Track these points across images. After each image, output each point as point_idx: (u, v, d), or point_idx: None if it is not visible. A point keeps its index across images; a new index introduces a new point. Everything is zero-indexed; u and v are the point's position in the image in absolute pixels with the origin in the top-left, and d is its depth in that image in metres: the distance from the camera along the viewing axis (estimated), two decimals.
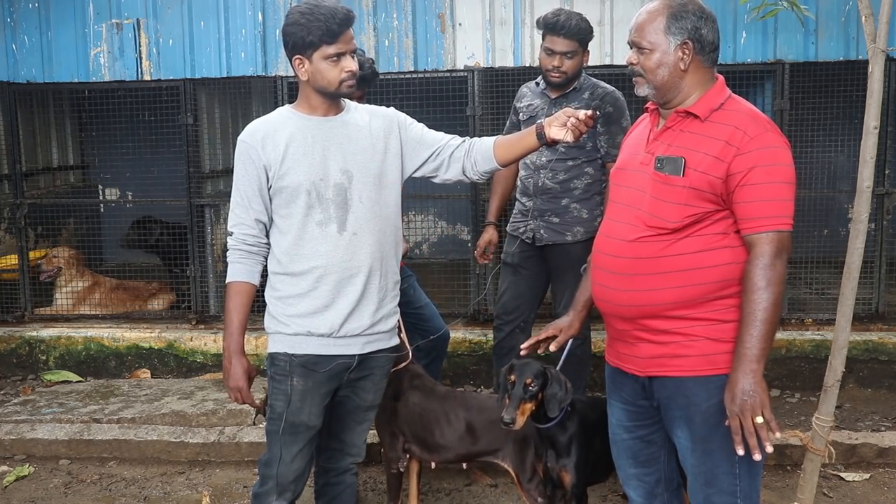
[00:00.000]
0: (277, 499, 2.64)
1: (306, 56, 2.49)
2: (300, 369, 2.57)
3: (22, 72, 5.42)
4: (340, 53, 2.48)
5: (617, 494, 3.77)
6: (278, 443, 2.62)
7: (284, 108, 2.65)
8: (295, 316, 2.57)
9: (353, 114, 2.64)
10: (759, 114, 2.24)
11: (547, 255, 3.93)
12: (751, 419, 2.11)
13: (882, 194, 4.95)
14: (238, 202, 2.57)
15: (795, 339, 4.94)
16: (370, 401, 2.77)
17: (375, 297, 2.62)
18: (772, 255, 2.13)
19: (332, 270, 2.54)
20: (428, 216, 7.80)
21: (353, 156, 2.57)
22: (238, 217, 2.57)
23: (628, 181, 2.37)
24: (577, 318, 2.59)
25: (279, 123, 2.56)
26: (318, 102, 2.57)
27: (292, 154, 2.52)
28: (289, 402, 2.59)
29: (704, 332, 2.23)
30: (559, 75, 3.74)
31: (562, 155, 3.79)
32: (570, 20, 3.66)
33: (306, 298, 2.56)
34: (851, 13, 4.82)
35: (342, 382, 2.67)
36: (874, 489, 3.85)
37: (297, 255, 2.55)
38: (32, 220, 5.91)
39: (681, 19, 2.23)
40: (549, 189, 3.85)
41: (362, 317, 2.59)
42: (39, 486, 4.04)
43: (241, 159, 2.55)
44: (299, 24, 2.45)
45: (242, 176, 2.55)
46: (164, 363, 5.32)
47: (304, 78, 2.53)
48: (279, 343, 2.60)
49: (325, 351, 2.57)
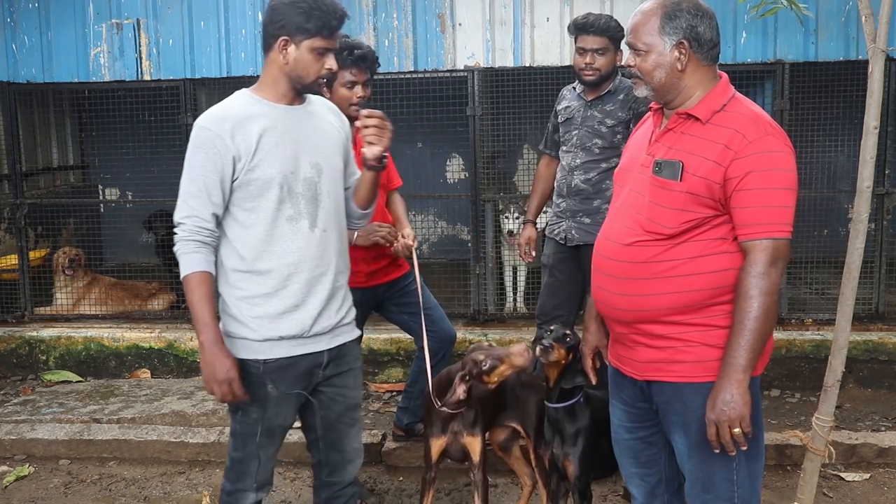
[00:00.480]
0: (256, 493, 2.58)
1: (294, 41, 2.38)
2: (274, 374, 2.47)
3: (22, 72, 5.43)
4: (328, 49, 2.41)
5: (617, 494, 3.77)
6: (253, 445, 2.52)
7: (243, 92, 2.50)
8: (262, 317, 2.44)
9: (315, 105, 2.56)
10: (761, 116, 2.18)
11: (581, 255, 3.95)
12: (727, 429, 2.10)
13: (882, 194, 4.95)
14: (193, 193, 2.37)
15: (795, 339, 4.93)
16: (354, 397, 2.69)
17: (340, 294, 2.57)
18: (766, 263, 2.09)
19: (303, 268, 2.45)
20: (428, 216, 7.80)
21: (320, 149, 2.49)
22: (192, 208, 2.38)
23: (629, 183, 2.34)
24: (598, 326, 2.56)
25: (248, 111, 2.41)
26: (285, 90, 2.46)
27: (265, 145, 2.39)
28: (265, 408, 2.49)
29: (701, 338, 2.20)
30: (592, 73, 3.75)
31: (595, 156, 3.82)
32: (600, 19, 3.72)
33: (275, 298, 2.44)
34: (851, 13, 4.82)
35: (318, 380, 2.57)
36: (874, 489, 3.85)
37: (265, 251, 2.42)
38: (32, 220, 5.91)
39: (675, 18, 2.18)
40: (581, 190, 3.87)
41: (330, 314, 2.53)
42: (39, 486, 4.04)
43: (202, 147, 2.36)
44: (299, 7, 2.35)
45: (202, 165, 2.36)
46: (164, 363, 5.32)
47: (282, 61, 2.41)
48: (248, 350, 2.46)
49: (296, 352, 2.48)
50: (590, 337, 2.57)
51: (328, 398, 2.62)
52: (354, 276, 3.54)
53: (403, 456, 4.16)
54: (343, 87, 3.37)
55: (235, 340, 2.47)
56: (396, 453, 4.17)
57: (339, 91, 3.39)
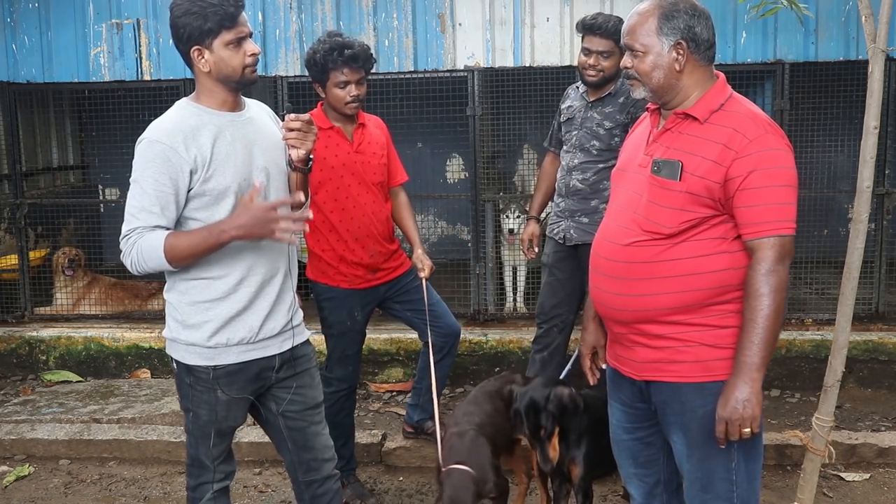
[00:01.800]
0: (221, 482, 2.61)
1: (206, 46, 2.34)
2: (223, 380, 2.48)
3: (22, 72, 5.42)
4: (241, 37, 2.36)
5: (617, 494, 3.77)
6: (206, 444, 2.56)
7: (184, 102, 2.45)
8: (211, 322, 2.44)
9: (255, 109, 2.55)
10: (759, 115, 2.19)
11: (580, 255, 3.95)
12: (738, 428, 2.10)
13: (882, 194, 4.95)
14: (144, 207, 2.32)
15: (795, 339, 4.93)
16: (314, 397, 2.69)
17: (288, 296, 2.57)
18: (774, 261, 2.09)
19: (255, 272, 2.45)
20: (428, 216, 7.80)
21: (266, 153, 2.48)
22: (141, 221, 2.32)
23: (627, 183, 2.34)
24: (597, 326, 2.55)
25: (196, 122, 2.38)
26: (223, 96, 2.43)
27: (217, 155, 2.37)
28: (216, 412, 2.51)
29: (700, 338, 2.20)
30: (595, 74, 3.75)
31: (593, 157, 3.82)
32: (608, 21, 3.71)
33: (224, 303, 2.44)
34: (851, 13, 4.82)
35: (271, 383, 2.59)
36: (874, 489, 3.85)
37: (218, 260, 2.40)
38: (32, 220, 5.91)
39: (672, 19, 2.18)
40: (578, 190, 3.87)
41: (278, 317, 2.53)
42: (39, 486, 4.04)
43: (154, 162, 2.31)
44: (192, 13, 2.30)
45: (156, 180, 2.31)
46: (164, 363, 5.31)
47: (205, 70, 2.37)
48: (197, 356, 2.47)
49: (246, 357, 2.49)
50: (588, 337, 2.57)
51: (285, 400, 2.63)
52: (356, 278, 3.56)
53: (403, 456, 4.16)
54: (336, 87, 3.37)
55: (183, 346, 2.49)
56: (396, 453, 4.16)
57: (332, 91, 3.38)
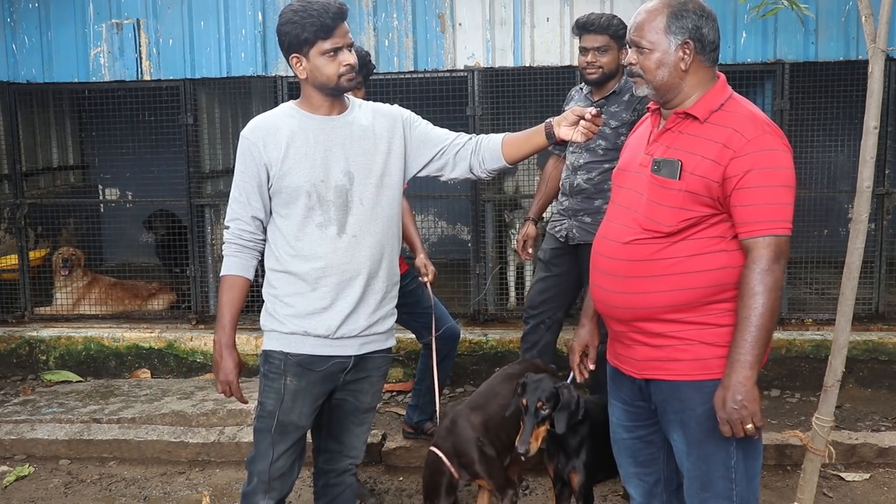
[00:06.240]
0: (265, 498, 2.62)
1: (303, 54, 2.47)
2: (295, 368, 2.56)
3: (22, 72, 5.43)
4: (337, 48, 2.46)
5: (617, 494, 3.77)
6: (267, 440, 2.60)
7: (288, 104, 2.62)
8: (292, 315, 2.54)
9: (357, 113, 2.62)
10: (758, 115, 2.20)
11: (580, 254, 3.94)
12: (741, 427, 2.11)
13: (882, 194, 4.95)
14: (236, 197, 2.55)
15: (795, 339, 4.93)
16: (368, 403, 2.75)
17: (374, 300, 2.60)
18: (769, 260, 2.10)
19: (331, 272, 2.52)
20: (428, 216, 7.80)
21: (355, 157, 2.55)
22: (235, 212, 2.56)
23: (627, 182, 2.35)
24: (593, 325, 2.56)
25: (281, 121, 2.53)
26: (319, 101, 2.55)
27: (293, 154, 2.49)
28: (281, 401, 2.57)
29: (699, 336, 2.21)
30: (595, 70, 3.77)
31: (599, 157, 3.82)
32: (601, 17, 3.75)
33: (305, 298, 2.53)
34: (851, 13, 4.82)
35: (338, 384, 2.65)
36: (874, 489, 3.85)
37: (296, 255, 2.53)
38: (32, 220, 5.91)
39: (681, 18, 2.20)
40: (583, 189, 3.87)
41: (359, 318, 2.58)
42: (39, 486, 4.04)
43: (242, 155, 2.54)
44: (293, 23, 2.44)
45: (242, 172, 2.53)
46: (164, 363, 5.32)
47: (302, 76, 2.51)
48: (274, 341, 2.58)
49: (322, 351, 2.56)
50: (582, 333, 2.58)
51: (341, 398, 2.70)
52: None
53: (403, 456, 4.16)
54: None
55: (267, 332, 2.62)
56: (396, 453, 4.16)
57: None
